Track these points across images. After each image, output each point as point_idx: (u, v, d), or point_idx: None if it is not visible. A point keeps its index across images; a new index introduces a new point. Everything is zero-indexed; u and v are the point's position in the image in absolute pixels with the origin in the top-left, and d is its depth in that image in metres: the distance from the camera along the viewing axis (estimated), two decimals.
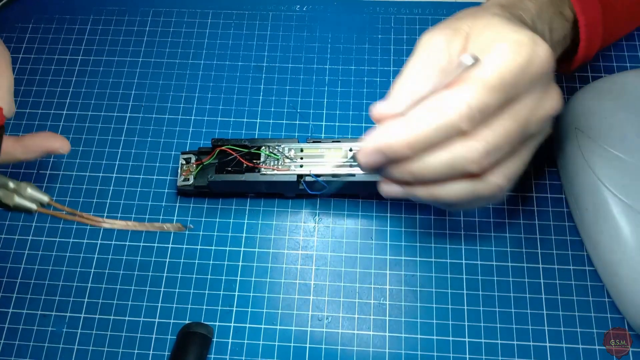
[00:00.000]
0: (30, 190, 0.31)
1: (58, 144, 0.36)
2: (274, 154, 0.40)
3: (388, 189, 0.33)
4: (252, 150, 0.41)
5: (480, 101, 0.28)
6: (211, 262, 0.41)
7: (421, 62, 0.31)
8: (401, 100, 0.30)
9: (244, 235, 0.42)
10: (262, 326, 0.39)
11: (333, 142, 0.41)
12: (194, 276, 0.41)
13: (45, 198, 0.31)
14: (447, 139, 0.29)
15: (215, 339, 0.39)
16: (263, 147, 0.40)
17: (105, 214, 0.43)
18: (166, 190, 0.44)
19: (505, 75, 0.28)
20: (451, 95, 0.28)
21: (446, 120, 0.28)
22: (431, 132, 0.28)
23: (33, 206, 0.31)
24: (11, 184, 0.31)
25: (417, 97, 0.29)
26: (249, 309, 0.40)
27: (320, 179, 0.39)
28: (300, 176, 0.40)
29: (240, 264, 0.41)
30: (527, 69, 0.29)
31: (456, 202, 0.31)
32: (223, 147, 0.41)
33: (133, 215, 0.43)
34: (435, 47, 0.31)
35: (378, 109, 0.30)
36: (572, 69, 0.44)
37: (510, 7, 0.35)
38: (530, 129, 0.30)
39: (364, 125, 0.46)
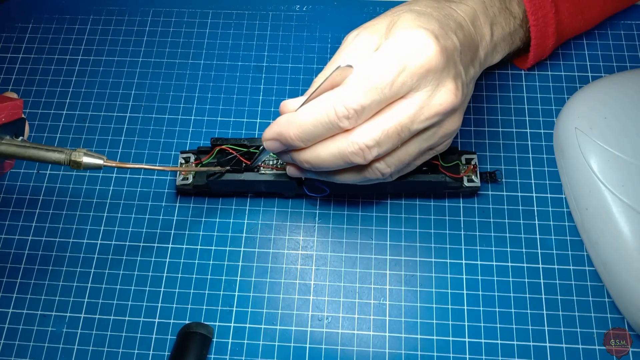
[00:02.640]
0: (87, 153, 0.32)
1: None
2: (274, 155, 0.40)
3: (292, 171, 0.37)
4: (251, 150, 0.41)
5: (357, 102, 0.30)
6: (211, 262, 0.41)
7: (335, 62, 0.34)
8: (305, 96, 0.33)
9: (244, 235, 0.42)
10: (262, 326, 0.39)
11: None
12: (194, 276, 0.41)
13: (100, 161, 0.32)
14: (331, 133, 0.32)
15: (215, 339, 0.39)
16: (262, 147, 0.40)
17: (105, 214, 0.43)
18: (166, 190, 0.44)
19: (380, 76, 0.30)
20: (331, 95, 0.31)
21: (326, 118, 0.31)
22: (314, 127, 0.32)
23: (100, 161, 0.32)
24: (69, 149, 0.32)
25: (306, 97, 0.33)
26: (249, 309, 0.40)
27: (319, 181, 0.39)
28: (300, 180, 0.40)
29: (240, 264, 0.41)
30: (405, 68, 0.30)
31: (351, 182, 0.35)
32: (222, 146, 0.41)
33: (133, 215, 0.43)
34: (351, 48, 0.34)
35: (284, 102, 0.34)
36: (528, 66, 0.45)
37: (446, 1, 0.37)
38: (417, 125, 0.32)
39: None
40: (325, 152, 0.33)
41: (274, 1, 0.52)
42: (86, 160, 0.32)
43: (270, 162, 0.40)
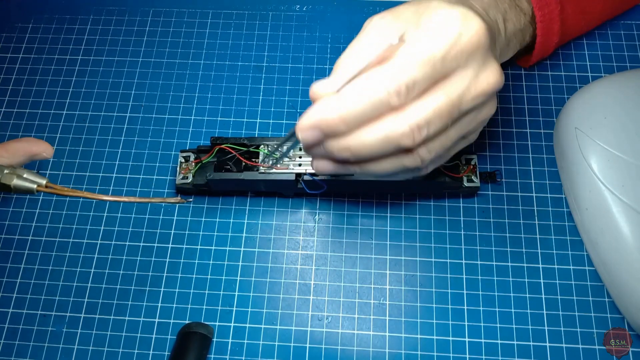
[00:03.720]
0: (27, 175, 0.32)
1: (41, 148, 0.36)
2: (273, 153, 0.40)
3: (323, 165, 0.33)
4: (251, 149, 0.41)
5: (407, 76, 0.29)
6: (211, 262, 0.41)
7: (360, 45, 0.32)
8: (338, 79, 0.31)
9: (244, 235, 0.42)
10: (262, 326, 0.39)
11: None
12: (194, 276, 0.41)
13: (42, 181, 0.32)
14: (379, 113, 0.29)
15: (215, 339, 0.39)
16: (262, 146, 0.40)
17: (105, 214, 0.43)
18: (166, 190, 0.44)
19: (432, 49, 0.29)
20: (379, 71, 0.29)
21: (375, 95, 0.29)
22: (362, 107, 0.29)
23: (33, 186, 0.32)
24: (6, 170, 0.32)
25: (351, 76, 0.30)
26: (249, 309, 0.40)
27: (318, 178, 0.39)
28: (298, 175, 0.40)
29: (240, 264, 0.41)
30: (456, 43, 0.29)
31: (385, 174, 0.32)
32: (222, 145, 0.41)
33: (133, 215, 0.43)
34: (375, 31, 0.32)
35: (316, 87, 0.31)
36: (531, 64, 0.44)
37: None
38: (465, 105, 0.30)
39: None
40: (370, 136, 0.30)
41: (274, 1, 0.52)
42: (17, 182, 0.31)
43: (270, 162, 0.40)
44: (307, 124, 0.30)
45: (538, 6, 0.41)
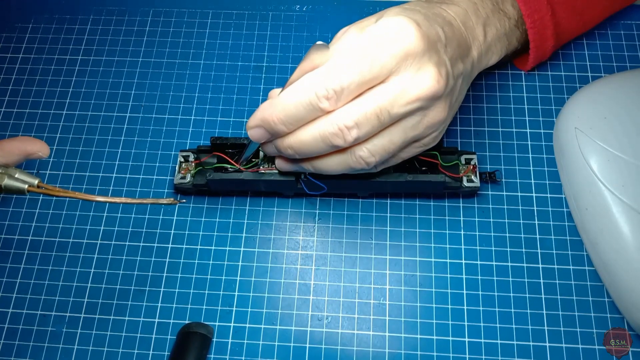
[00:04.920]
0: (18, 174, 0.32)
1: (37, 147, 0.36)
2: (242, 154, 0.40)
3: (281, 164, 0.38)
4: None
5: (336, 81, 0.31)
6: (211, 262, 0.41)
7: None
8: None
9: (243, 235, 0.42)
10: (262, 326, 0.39)
11: None
12: (194, 276, 0.41)
13: (34, 181, 0.32)
14: (314, 115, 0.32)
15: (215, 339, 0.39)
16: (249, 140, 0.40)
17: (105, 214, 0.43)
18: (166, 190, 0.44)
19: (360, 55, 0.31)
20: (311, 76, 0.32)
21: (305, 98, 0.32)
22: (294, 108, 0.32)
23: (24, 186, 0.32)
24: None
25: (291, 78, 0.33)
26: (249, 309, 0.40)
27: (317, 179, 0.39)
28: (298, 175, 0.40)
29: (240, 264, 0.41)
30: (385, 49, 0.31)
31: (336, 172, 0.36)
32: (218, 153, 0.41)
33: (133, 215, 0.43)
34: (340, 42, 0.34)
35: (272, 91, 0.35)
36: (529, 68, 0.45)
37: (437, 1, 0.37)
38: (397, 109, 0.32)
39: None
40: (306, 135, 0.33)
41: (274, 1, 0.52)
42: (8, 182, 0.31)
43: (270, 163, 0.40)
44: (252, 122, 0.35)
45: (527, 13, 0.41)
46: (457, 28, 0.36)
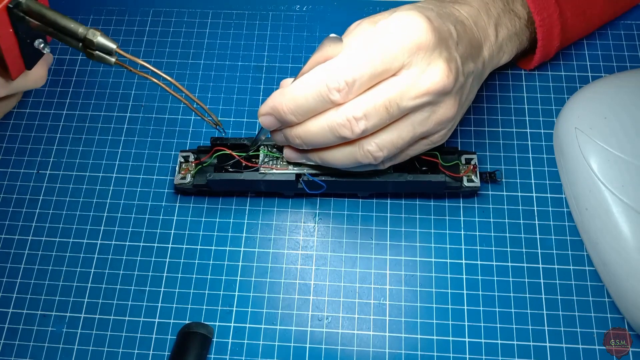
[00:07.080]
0: (100, 37, 0.32)
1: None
2: (273, 153, 0.40)
3: (289, 153, 0.38)
4: (250, 153, 0.41)
5: (348, 73, 0.31)
6: (211, 262, 0.41)
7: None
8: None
9: (244, 235, 0.42)
10: (262, 326, 0.39)
11: None
12: (194, 276, 0.41)
13: (113, 45, 0.32)
14: (324, 106, 0.33)
15: (215, 339, 0.39)
16: (262, 147, 0.40)
17: (105, 214, 0.43)
18: (166, 190, 0.44)
19: (369, 50, 0.31)
20: (323, 68, 0.32)
21: (315, 89, 0.32)
22: (304, 99, 0.33)
23: (113, 45, 0.32)
24: (81, 29, 0.31)
25: (303, 69, 0.33)
26: (249, 309, 0.40)
27: (318, 178, 0.39)
28: (298, 175, 0.40)
29: (240, 264, 0.41)
30: (396, 43, 0.31)
31: (343, 165, 0.36)
32: (219, 147, 0.41)
33: (133, 215, 0.43)
34: (352, 35, 0.34)
35: (284, 80, 0.36)
36: (533, 67, 0.45)
37: (449, 1, 0.38)
38: (406, 102, 0.32)
39: None
40: (315, 126, 0.33)
41: (274, 1, 0.52)
42: (101, 40, 0.31)
43: (270, 163, 0.40)
44: (263, 110, 0.35)
45: (537, 11, 0.41)
46: (469, 27, 0.36)
